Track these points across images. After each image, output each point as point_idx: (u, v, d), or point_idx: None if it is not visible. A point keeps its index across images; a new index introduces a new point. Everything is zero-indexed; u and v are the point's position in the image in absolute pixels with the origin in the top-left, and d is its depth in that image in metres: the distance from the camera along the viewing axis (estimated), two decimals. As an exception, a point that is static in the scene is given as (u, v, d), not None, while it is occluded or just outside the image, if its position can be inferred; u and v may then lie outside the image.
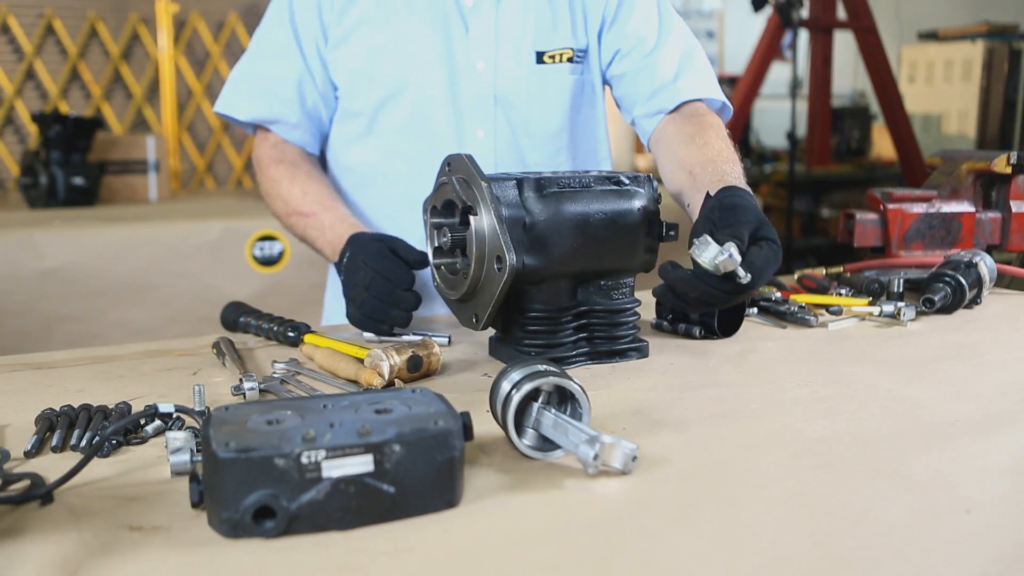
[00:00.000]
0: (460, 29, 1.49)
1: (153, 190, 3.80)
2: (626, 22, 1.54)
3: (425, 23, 1.48)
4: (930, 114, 6.81)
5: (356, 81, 1.51)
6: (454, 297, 1.16)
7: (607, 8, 1.54)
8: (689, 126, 1.45)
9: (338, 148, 1.59)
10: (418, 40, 1.48)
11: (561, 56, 1.52)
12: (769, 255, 1.08)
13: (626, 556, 0.66)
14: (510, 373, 0.86)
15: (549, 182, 1.13)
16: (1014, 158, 1.65)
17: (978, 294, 1.48)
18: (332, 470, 0.69)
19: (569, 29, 1.53)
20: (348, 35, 1.49)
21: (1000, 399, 1.03)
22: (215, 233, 3.10)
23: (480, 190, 1.08)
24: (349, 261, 1.31)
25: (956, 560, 0.66)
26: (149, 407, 0.90)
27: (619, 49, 1.55)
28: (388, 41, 1.48)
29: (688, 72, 1.52)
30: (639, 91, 1.53)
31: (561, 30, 1.52)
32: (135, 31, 4.38)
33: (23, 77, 4.18)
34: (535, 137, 1.54)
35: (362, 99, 1.51)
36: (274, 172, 1.54)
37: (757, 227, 1.09)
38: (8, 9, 4.12)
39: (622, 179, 1.18)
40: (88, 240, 2.93)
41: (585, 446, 0.78)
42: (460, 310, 1.18)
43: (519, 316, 1.15)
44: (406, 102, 1.50)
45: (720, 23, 7.93)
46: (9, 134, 4.23)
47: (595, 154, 1.64)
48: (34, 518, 0.72)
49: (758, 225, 1.10)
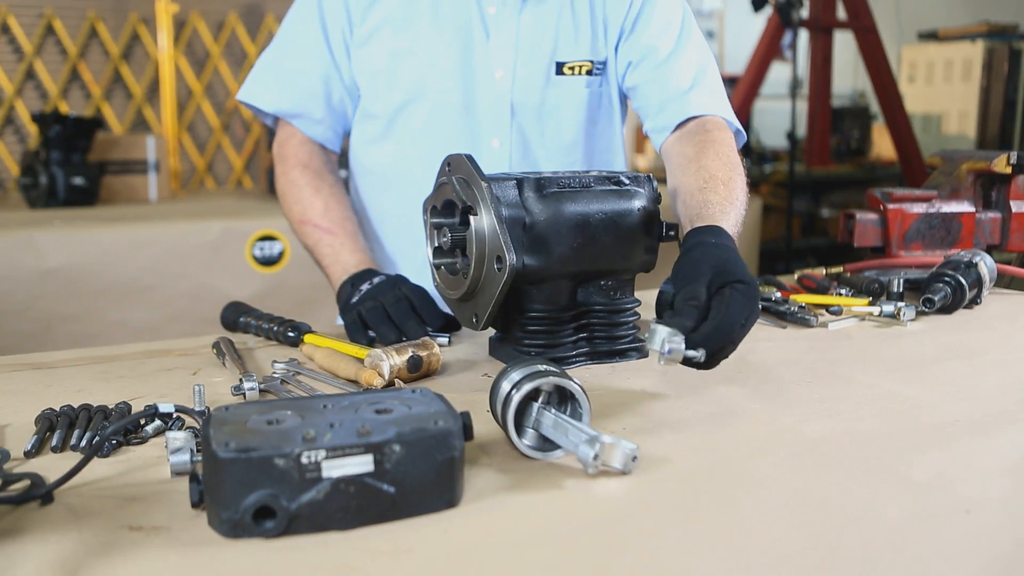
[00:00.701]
0: (481, 37, 1.48)
1: (153, 190, 3.81)
2: (642, 33, 1.52)
3: (447, 30, 1.47)
4: (930, 114, 6.81)
5: (376, 83, 1.51)
6: (454, 297, 1.16)
7: (626, 19, 1.53)
8: (690, 146, 1.41)
9: (358, 148, 1.60)
10: (439, 46, 1.47)
11: (580, 68, 1.52)
12: (733, 303, 0.98)
13: (626, 556, 0.66)
14: (510, 373, 0.86)
15: (549, 182, 1.13)
16: (1014, 158, 1.65)
17: (978, 294, 1.48)
18: (332, 470, 0.69)
19: (589, 41, 1.52)
20: (372, 35, 1.49)
21: (1000, 399, 1.03)
22: (215, 233, 3.10)
23: (480, 190, 1.08)
24: (368, 297, 1.30)
25: (956, 560, 0.66)
26: (149, 407, 0.90)
27: (631, 60, 1.53)
28: (410, 45, 1.47)
29: (700, 87, 1.49)
30: (651, 103, 1.52)
31: (582, 41, 1.52)
32: (135, 31, 4.38)
33: (23, 77, 4.18)
34: (550, 148, 1.54)
35: (381, 101, 1.52)
36: (298, 176, 1.53)
37: (714, 276, 1.01)
38: (8, 9, 4.12)
39: (622, 179, 1.18)
40: (88, 240, 2.93)
41: (585, 446, 0.78)
42: (460, 310, 1.18)
43: (519, 316, 1.15)
44: (423, 108, 1.50)
45: (720, 23, 7.93)
46: (9, 134, 4.23)
47: (610, 167, 1.62)
48: (34, 518, 0.72)
49: (715, 274, 1.01)
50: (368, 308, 1.27)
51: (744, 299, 0.99)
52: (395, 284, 1.33)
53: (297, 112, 1.54)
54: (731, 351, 0.99)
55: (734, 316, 0.97)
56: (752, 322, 1.00)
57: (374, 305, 1.27)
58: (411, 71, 1.48)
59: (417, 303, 1.29)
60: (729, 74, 7.16)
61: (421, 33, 1.47)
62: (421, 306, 1.29)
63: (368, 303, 1.29)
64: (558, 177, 1.15)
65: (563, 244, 1.12)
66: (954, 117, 6.66)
